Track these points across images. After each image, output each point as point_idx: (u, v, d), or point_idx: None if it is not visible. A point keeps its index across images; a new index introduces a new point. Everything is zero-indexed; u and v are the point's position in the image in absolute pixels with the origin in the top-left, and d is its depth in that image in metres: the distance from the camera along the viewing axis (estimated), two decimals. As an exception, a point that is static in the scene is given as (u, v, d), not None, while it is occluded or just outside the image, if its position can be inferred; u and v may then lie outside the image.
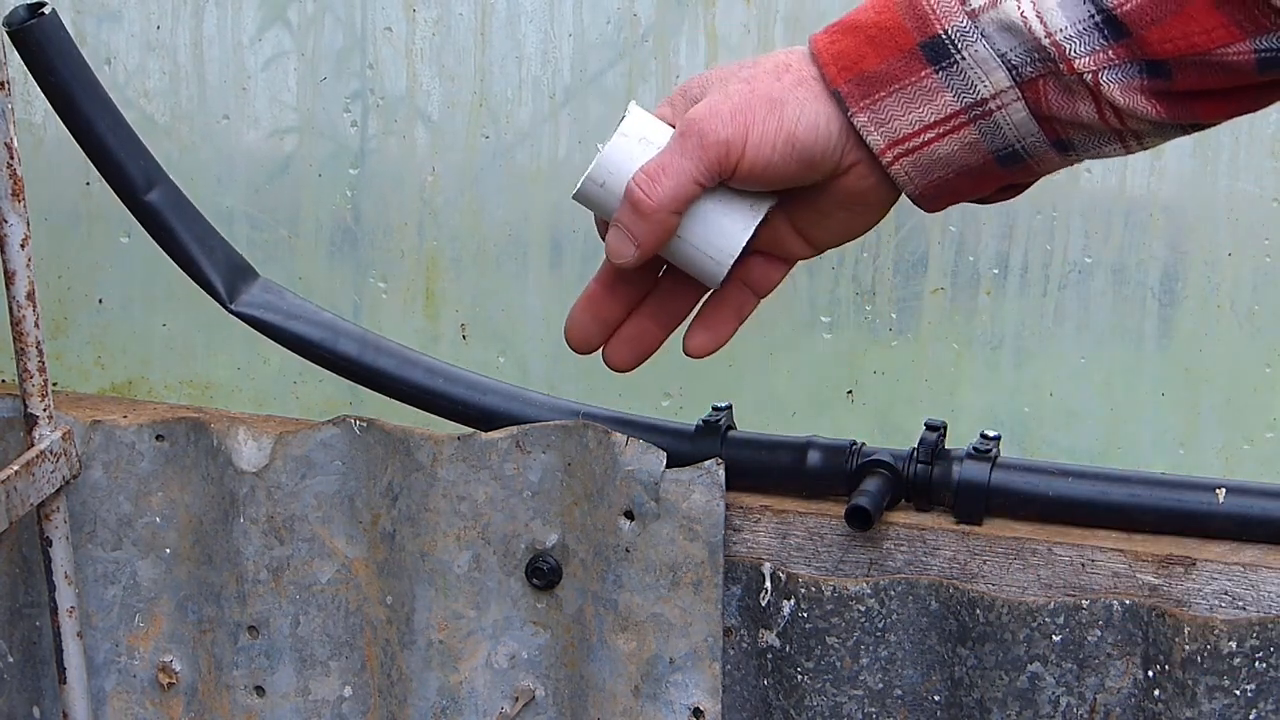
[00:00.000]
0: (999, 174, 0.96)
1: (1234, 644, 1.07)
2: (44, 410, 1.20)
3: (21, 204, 1.14)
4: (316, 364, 1.23)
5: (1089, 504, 1.15)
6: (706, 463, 1.16)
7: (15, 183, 1.14)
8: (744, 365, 1.40)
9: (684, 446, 1.20)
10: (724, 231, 1.00)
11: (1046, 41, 0.90)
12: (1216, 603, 1.10)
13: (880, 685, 1.16)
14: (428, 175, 1.44)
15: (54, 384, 1.37)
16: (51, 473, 1.21)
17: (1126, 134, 0.92)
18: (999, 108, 0.93)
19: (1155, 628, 1.09)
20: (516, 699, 1.26)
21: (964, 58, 0.92)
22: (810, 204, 0.99)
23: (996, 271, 1.34)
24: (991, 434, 1.19)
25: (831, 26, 0.96)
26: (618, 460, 1.17)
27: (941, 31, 0.92)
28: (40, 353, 1.19)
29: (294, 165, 1.47)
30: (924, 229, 1.34)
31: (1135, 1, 0.87)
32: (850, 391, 1.39)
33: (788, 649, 1.18)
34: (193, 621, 1.31)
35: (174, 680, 1.33)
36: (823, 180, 0.97)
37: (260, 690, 1.30)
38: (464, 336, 1.46)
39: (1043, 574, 1.14)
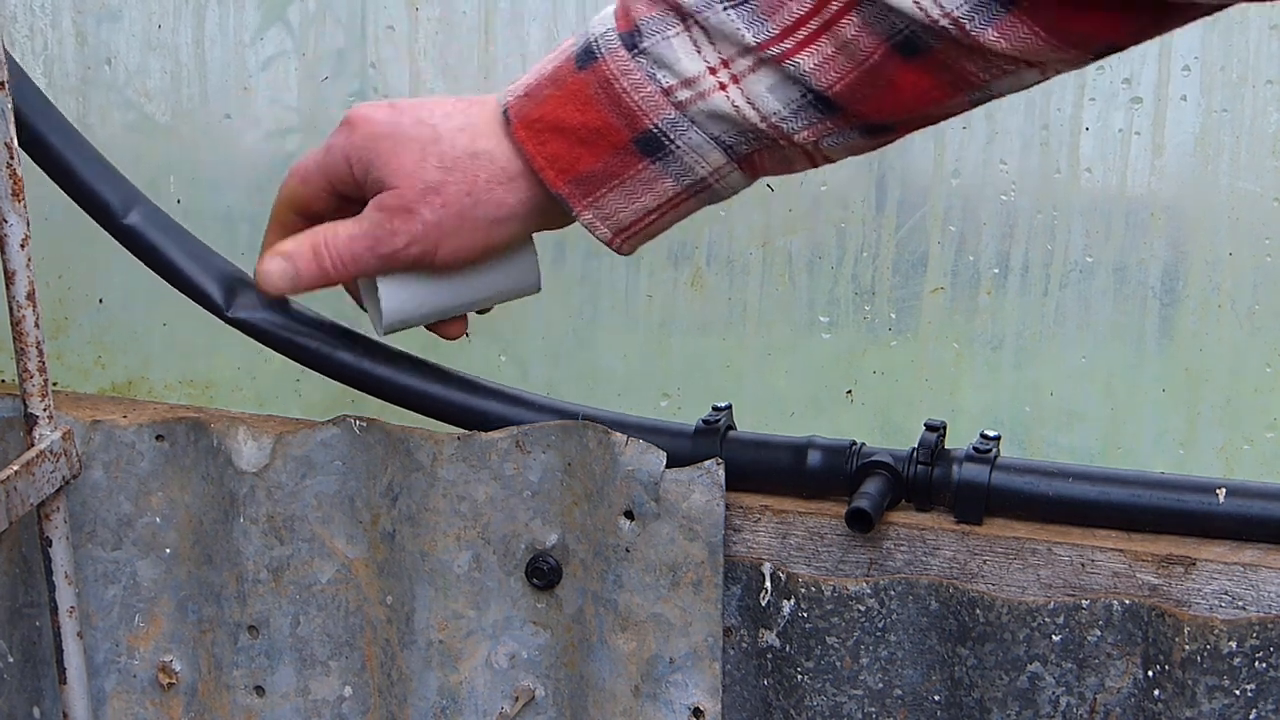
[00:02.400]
0: (693, 207, 1.01)
1: (1234, 644, 1.07)
2: (44, 410, 1.20)
3: (21, 204, 1.14)
4: (315, 370, 1.23)
5: (1089, 504, 1.15)
6: (706, 463, 1.16)
7: (15, 183, 1.14)
8: (743, 365, 1.40)
9: (684, 447, 1.20)
10: (511, 271, 1.09)
11: (763, 125, 0.92)
12: (1216, 603, 1.10)
13: (880, 685, 1.16)
14: (428, 175, 1.44)
15: (54, 384, 1.37)
16: (51, 473, 1.21)
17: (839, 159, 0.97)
18: (717, 181, 0.96)
19: (1155, 628, 1.09)
20: (516, 699, 1.26)
21: (678, 146, 0.94)
22: None
23: (996, 271, 1.33)
24: (991, 434, 1.19)
25: (531, 120, 0.98)
26: (618, 460, 1.17)
27: (652, 126, 0.94)
28: (40, 353, 1.19)
29: (295, 165, 1.47)
30: (924, 229, 1.34)
31: (844, 82, 0.89)
32: (850, 391, 1.39)
33: (788, 649, 1.18)
34: (193, 621, 1.31)
35: (174, 680, 1.33)
36: None
37: (260, 690, 1.30)
38: (466, 335, 1.45)
39: (1043, 574, 1.14)
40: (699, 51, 0.91)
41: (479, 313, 1.14)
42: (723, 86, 0.91)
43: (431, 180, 1.00)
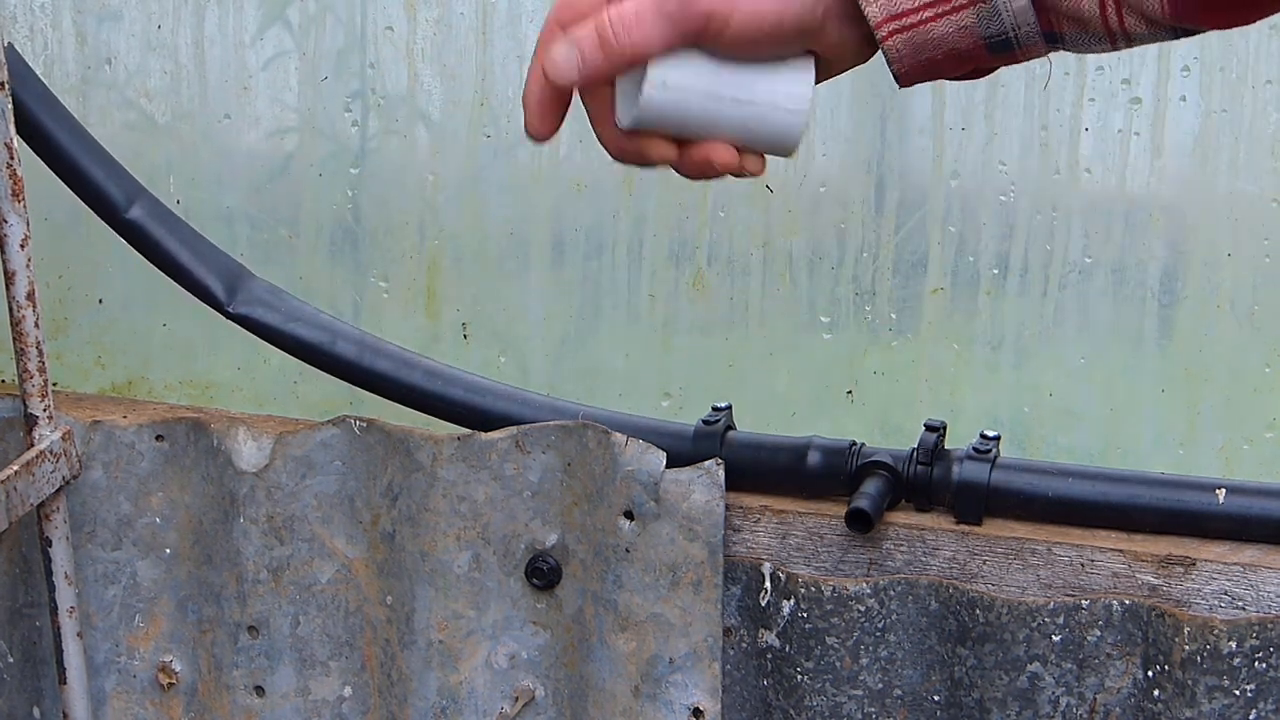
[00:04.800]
0: (984, 59, 0.96)
1: (1234, 644, 1.07)
2: (44, 410, 1.20)
3: (21, 204, 1.14)
4: (315, 366, 1.23)
5: (1089, 504, 1.15)
6: (706, 463, 1.16)
7: (15, 183, 1.14)
8: (744, 366, 1.40)
9: (684, 447, 1.20)
10: (785, 79, 0.98)
11: None
12: (1216, 603, 1.10)
13: (880, 685, 1.16)
14: (429, 175, 1.44)
15: (54, 384, 1.37)
16: (51, 473, 1.21)
17: (1119, 35, 0.91)
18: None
19: (1155, 628, 1.09)
20: (516, 699, 1.26)
21: None
22: None
23: (996, 271, 1.33)
24: (991, 434, 1.19)
25: None
26: (617, 460, 1.17)
27: None
28: (40, 353, 1.19)
29: (294, 165, 1.47)
30: (924, 229, 1.34)
31: None
32: (850, 392, 1.39)
33: (787, 649, 1.18)
34: (193, 621, 1.31)
35: (174, 680, 1.33)
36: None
37: (260, 690, 1.30)
38: (465, 336, 1.46)
39: (1043, 574, 1.14)
40: None
41: (739, 154, 1.02)
42: None
43: None
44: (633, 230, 1.40)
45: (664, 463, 1.16)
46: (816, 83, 0.99)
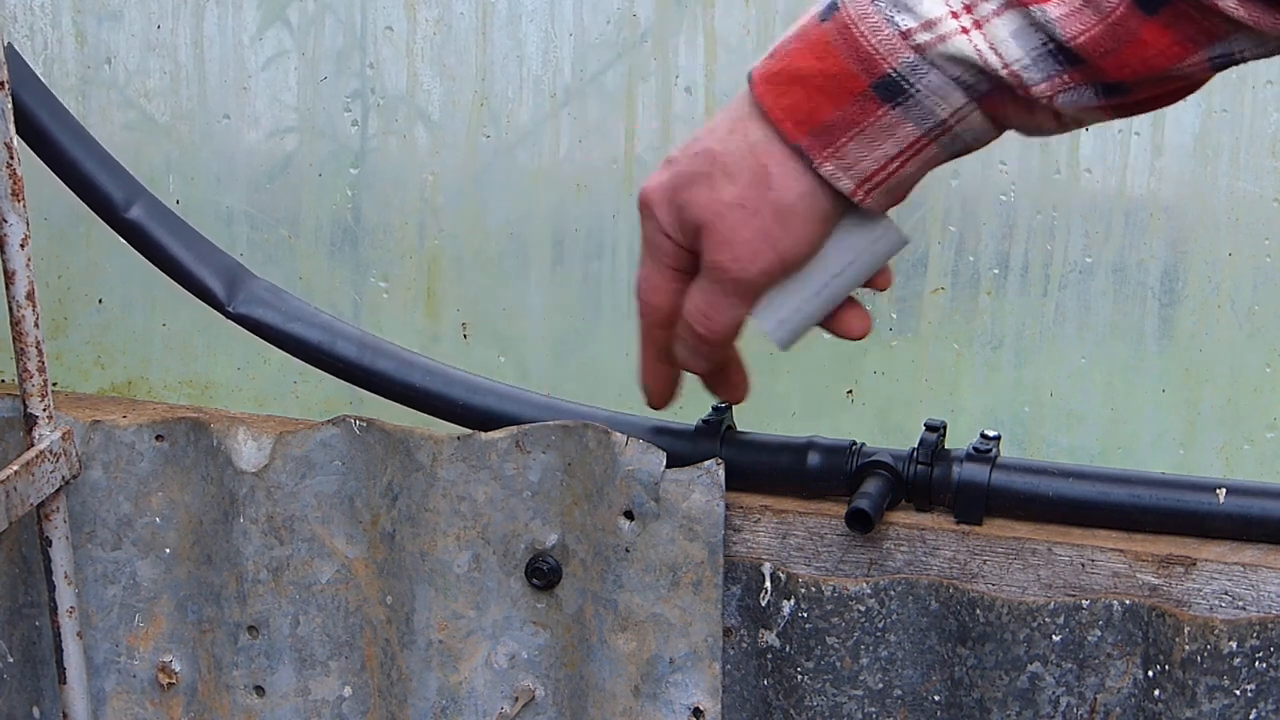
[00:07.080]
0: (945, 161, 0.98)
1: (1234, 644, 1.07)
2: (44, 410, 1.20)
3: (21, 204, 1.14)
4: (315, 366, 1.23)
5: (1089, 504, 1.15)
6: (706, 463, 1.16)
7: (15, 183, 1.14)
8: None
9: (684, 447, 1.20)
10: (855, 220, 1.01)
11: (1003, 73, 0.90)
12: (1216, 603, 1.10)
13: (880, 685, 1.16)
14: (428, 175, 1.44)
15: (54, 384, 1.37)
16: (51, 473, 1.21)
17: (1080, 127, 0.95)
18: (958, 122, 0.94)
19: (1155, 628, 1.09)
20: (516, 699, 1.26)
21: (918, 90, 0.92)
22: None
23: (996, 271, 1.34)
24: (991, 434, 1.19)
25: (771, 74, 0.95)
26: (618, 460, 1.17)
27: (891, 70, 0.92)
28: (40, 353, 1.19)
29: (294, 165, 1.47)
30: (924, 229, 1.34)
31: (1088, 35, 0.88)
32: (850, 391, 1.39)
33: (788, 649, 1.18)
34: (193, 621, 1.31)
35: (174, 680, 1.33)
36: None
37: (260, 690, 1.30)
38: (465, 336, 1.45)
39: (1043, 574, 1.14)
40: None
41: (869, 287, 1.07)
42: (965, 30, 0.90)
43: (729, 198, 0.96)
44: (633, 230, 1.40)
45: (664, 463, 1.16)
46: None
